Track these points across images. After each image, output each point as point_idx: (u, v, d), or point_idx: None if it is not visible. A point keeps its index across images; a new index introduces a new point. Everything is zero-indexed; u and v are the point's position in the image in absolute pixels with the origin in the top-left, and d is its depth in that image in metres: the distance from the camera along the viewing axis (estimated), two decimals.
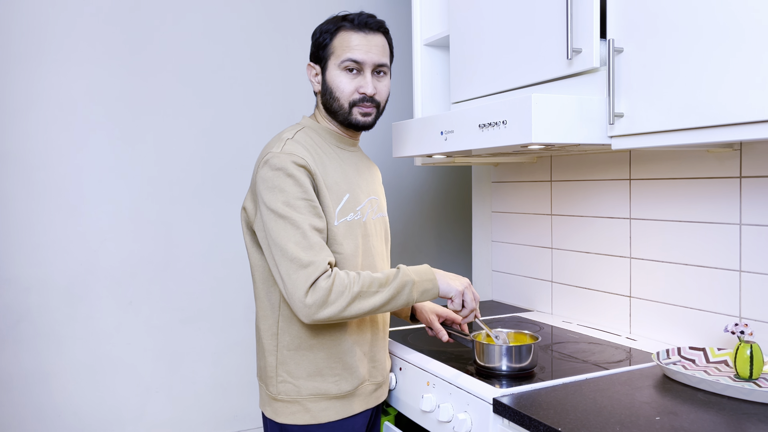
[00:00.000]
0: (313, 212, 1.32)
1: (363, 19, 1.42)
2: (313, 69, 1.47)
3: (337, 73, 1.41)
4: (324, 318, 1.27)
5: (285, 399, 1.39)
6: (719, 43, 1.16)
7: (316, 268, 1.27)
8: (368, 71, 1.41)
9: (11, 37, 2.11)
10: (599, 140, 1.40)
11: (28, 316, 2.16)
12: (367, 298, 1.30)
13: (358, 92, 1.41)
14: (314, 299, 1.26)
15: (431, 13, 2.08)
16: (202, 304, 2.44)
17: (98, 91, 2.24)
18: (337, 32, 1.41)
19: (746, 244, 1.48)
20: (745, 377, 1.29)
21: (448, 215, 3.09)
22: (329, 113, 1.46)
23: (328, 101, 1.44)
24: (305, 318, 1.28)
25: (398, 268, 1.37)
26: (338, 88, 1.41)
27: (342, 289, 1.27)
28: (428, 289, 1.37)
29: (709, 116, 1.18)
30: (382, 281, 1.32)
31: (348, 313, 1.29)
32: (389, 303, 1.32)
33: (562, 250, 2.03)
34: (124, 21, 2.27)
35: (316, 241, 1.30)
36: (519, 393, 1.29)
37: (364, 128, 1.46)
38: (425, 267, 1.40)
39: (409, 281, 1.34)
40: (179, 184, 2.39)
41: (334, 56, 1.41)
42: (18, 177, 2.14)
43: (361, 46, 1.40)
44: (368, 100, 1.42)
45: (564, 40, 1.45)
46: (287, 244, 1.28)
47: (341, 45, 1.40)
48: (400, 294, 1.33)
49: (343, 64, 1.40)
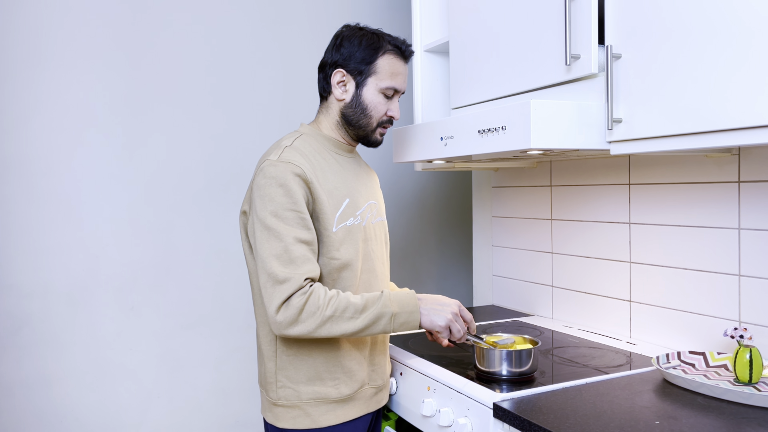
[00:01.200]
0: (301, 224, 1.32)
1: (408, 51, 1.48)
2: (342, 76, 1.45)
3: (375, 93, 1.45)
4: (293, 335, 1.29)
5: (285, 404, 1.40)
6: (716, 49, 1.17)
7: (291, 284, 1.28)
8: (397, 97, 1.49)
9: (13, 43, 2.12)
10: (598, 145, 1.40)
11: (30, 321, 2.16)
12: (339, 322, 1.30)
13: (387, 115, 1.47)
14: (284, 317, 1.28)
15: (431, 20, 2.09)
16: (203, 310, 2.44)
17: (99, 97, 2.25)
18: (384, 53, 1.44)
19: (745, 248, 1.49)
20: (744, 381, 1.30)
21: (449, 220, 3.10)
22: (348, 125, 1.47)
23: (355, 114, 1.45)
24: (276, 332, 1.31)
25: (381, 293, 1.36)
26: (375, 108, 1.45)
27: (314, 310, 1.28)
28: (407, 322, 1.36)
29: (707, 121, 1.19)
30: (358, 307, 1.31)
31: (318, 334, 1.30)
32: (364, 331, 1.32)
33: (563, 255, 2.04)
34: (125, 28, 2.28)
35: (299, 254, 1.30)
36: (519, 397, 1.29)
37: (375, 146, 1.52)
38: (410, 296, 1.38)
39: (387, 312, 1.33)
40: (180, 190, 2.40)
41: (376, 77, 1.44)
42: (20, 183, 2.15)
43: (403, 76, 1.48)
44: (390, 123, 1.49)
45: (563, 46, 1.46)
46: (268, 257, 1.30)
47: (388, 70, 1.44)
48: (376, 324, 1.33)
49: (385, 89, 1.45)
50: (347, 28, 1.49)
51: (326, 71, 1.47)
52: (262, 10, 2.54)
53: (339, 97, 1.46)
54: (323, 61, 1.49)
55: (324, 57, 1.49)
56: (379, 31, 1.48)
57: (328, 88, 1.48)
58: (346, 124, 1.47)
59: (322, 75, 1.49)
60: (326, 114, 1.50)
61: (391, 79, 1.45)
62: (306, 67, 2.60)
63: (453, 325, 1.39)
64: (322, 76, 1.49)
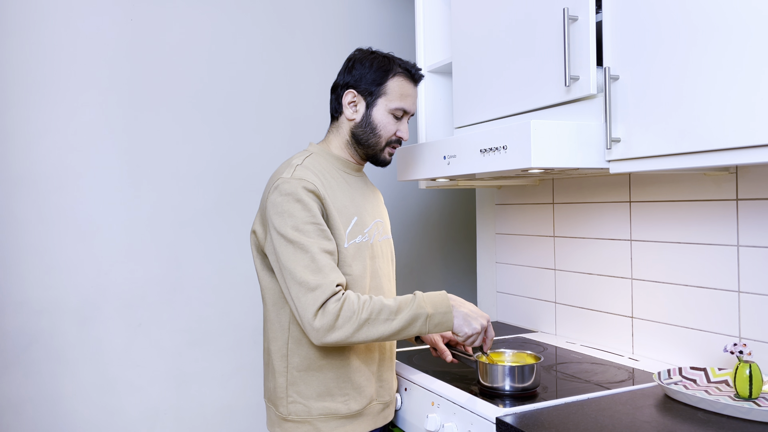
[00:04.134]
0: (322, 235, 1.35)
1: (418, 75, 1.53)
2: (353, 96, 1.49)
3: (385, 114, 1.49)
4: (332, 342, 1.30)
5: (296, 419, 1.42)
6: (711, 70, 1.20)
7: (324, 290, 1.29)
8: (406, 118, 1.53)
9: (27, 66, 2.18)
10: (597, 164, 1.43)
11: (39, 338, 2.19)
12: (376, 325, 1.31)
13: (396, 135, 1.51)
14: (322, 323, 1.28)
15: (434, 41, 2.14)
16: (210, 326, 2.47)
17: (109, 116, 2.30)
18: (394, 76, 1.49)
19: (744, 265, 1.51)
20: (744, 396, 1.31)
21: (453, 237, 3.12)
22: (357, 144, 1.51)
23: (365, 134, 1.49)
24: (315, 341, 1.30)
25: (414, 294, 1.37)
26: (384, 128, 1.49)
27: (350, 315, 1.29)
28: (442, 322, 1.36)
29: (704, 141, 1.21)
30: (393, 309, 1.32)
31: (356, 339, 1.30)
32: (400, 332, 1.33)
33: (565, 272, 2.06)
34: (135, 50, 2.33)
35: (326, 263, 1.32)
36: (521, 412, 1.31)
37: (383, 165, 1.55)
38: (442, 297, 1.38)
39: (422, 313, 1.34)
40: (188, 208, 2.44)
41: (386, 98, 1.48)
42: (30, 201, 2.19)
43: (412, 98, 1.52)
44: (399, 143, 1.53)
45: (562, 68, 1.49)
46: (296, 268, 1.31)
47: (398, 91, 1.49)
48: (413, 325, 1.34)
49: (395, 110, 1.49)
50: (359, 51, 1.54)
51: (338, 92, 1.52)
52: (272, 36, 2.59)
53: (350, 117, 1.50)
54: (335, 83, 1.54)
55: (336, 79, 1.54)
56: (390, 54, 1.53)
57: (339, 108, 1.52)
58: (356, 144, 1.51)
59: (334, 96, 1.54)
60: (336, 133, 1.54)
61: (401, 100, 1.49)
62: (312, 89, 2.65)
63: (477, 338, 1.41)
64: (334, 97, 1.54)
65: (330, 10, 2.72)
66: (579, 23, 1.44)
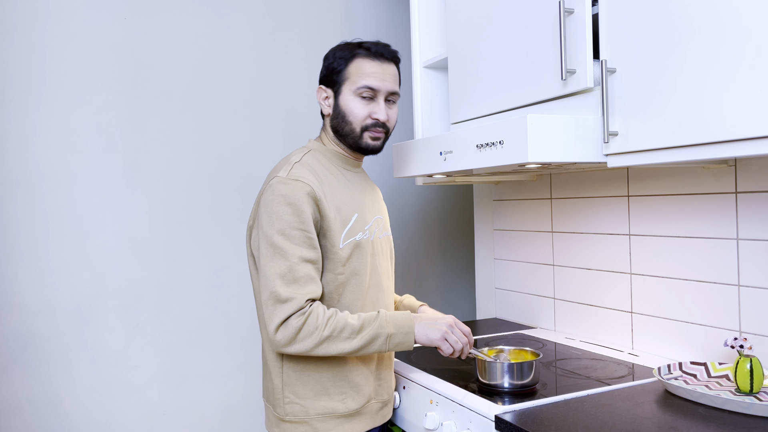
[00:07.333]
0: (307, 243, 1.34)
1: (380, 49, 1.47)
2: (323, 92, 1.50)
3: (351, 98, 1.45)
4: (291, 353, 1.33)
5: (293, 420, 1.41)
6: (709, 63, 1.19)
7: (292, 305, 1.30)
8: (381, 98, 1.46)
9: (21, 65, 2.16)
10: (595, 158, 1.42)
11: (36, 340, 2.18)
12: (337, 342, 1.32)
13: (371, 117, 1.45)
14: (283, 335, 1.31)
15: (430, 37, 2.12)
16: (208, 326, 2.46)
17: (104, 117, 2.29)
18: (353, 59, 1.45)
19: (744, 258, 1.50)
20: (745, 391, 1.30)
21: (451, 233, 3.11)
22: (338, 136, 1.49)
23: (339, 124, 1.47)
24: (274, 349, 1.35)
25: (378, 313, 1.38)
26: (352, 113, 1.45)
27: (312, 330, 1.30)
28: (402, 342, 1.38)
29: (701, 134, 1.20)
30: (355, 328, 1.33)
31: (316, 353, 1.33)
32: (361, 350, 1.35)
33: (564, 267, 2.05)
34: (129, 50, 2.32)
35: (303, 273, 1.32)
36: (521, 410, 1.30)
37: (373, 152, 1.50)
38: (406, 317, 1.40)
39: (383, 333, 1.35)
40: (184, 207, 2.42)
41: (349, 82, 1.45)
42: (25, 202, 2.17)
43: (376, 74, 1.45)
44: (380, 126, 1.46)
45: (558, 62, 1.48)
46: (272, 276, 1.32)
47: (357, 72, 1.44)
48: (372, 344, 1.35)
49: (358, 90, 1.44)
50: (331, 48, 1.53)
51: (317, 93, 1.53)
52: (266, 33, 2.58)
53: (326, 112, 1.51)
54: None
55: None
56: (357, 40, 1.51)
57: (320, 107, 1.53)
58: (338, 136, 1.50)
59: None
60: (325, 132, 1.54)
61: (363, 78, 1.44)
62: (309, 86, 2.64)
63: (449, 336, 1.41)
64: None
65: (325, 6, 2.71)
66: (575, 16, 1.43)
